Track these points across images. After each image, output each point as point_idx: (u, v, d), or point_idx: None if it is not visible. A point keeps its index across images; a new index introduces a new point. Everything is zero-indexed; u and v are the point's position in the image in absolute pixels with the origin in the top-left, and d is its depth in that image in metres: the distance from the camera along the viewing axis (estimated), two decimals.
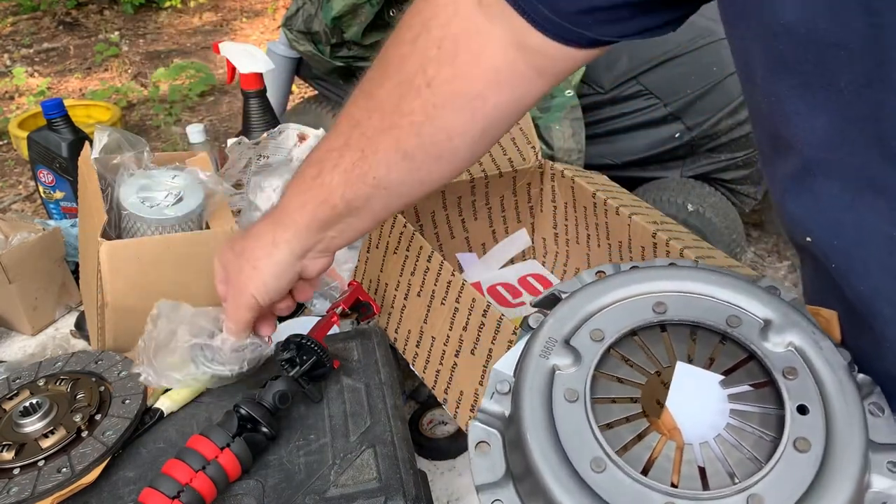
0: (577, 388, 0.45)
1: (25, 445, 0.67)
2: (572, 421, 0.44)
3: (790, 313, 0.46)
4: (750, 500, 0.40)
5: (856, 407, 0.43)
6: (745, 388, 0.46)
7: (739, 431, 0.45)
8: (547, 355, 0.47)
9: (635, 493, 0.41)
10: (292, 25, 2.12)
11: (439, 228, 1.02)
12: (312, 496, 0.63)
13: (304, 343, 0.73)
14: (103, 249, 0.76)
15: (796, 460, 0.41)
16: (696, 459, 0.44)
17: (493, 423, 0.48)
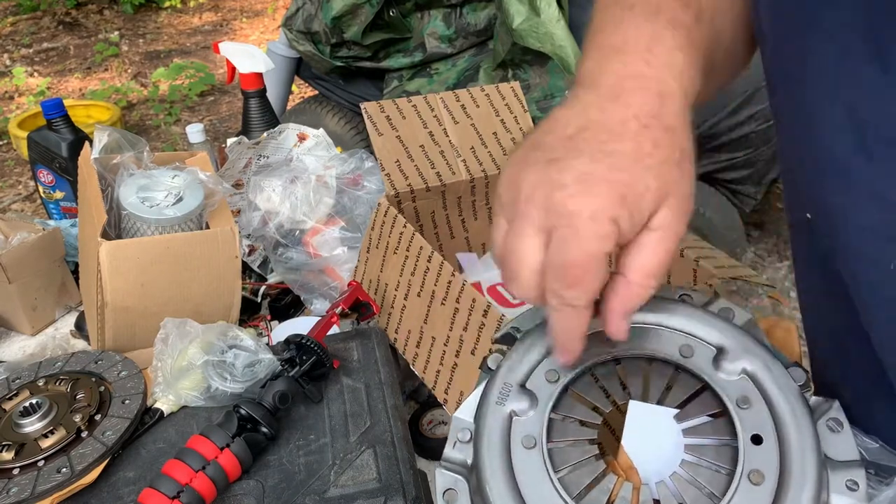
0: (534, 434, 0.45)
1: (25, 445, 0.67)
2: (530, 469, 0.44)
3: (742, 339, 0.46)
4: None
5: (808, 433, 0.42)
6: (700, 420, 0.45)
7: (695, 467, 0.44)
8: (503, 402, 0.46)
9: None
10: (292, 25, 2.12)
11: (439, 228, 1.02)
12: (312, 496, 0.63)
13: (304, 343, 0.73)
14: (103, 249, 0.76)
15: (751, 493, 0.41)
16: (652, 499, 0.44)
17: (458, 470, 0.47)
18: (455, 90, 0.96)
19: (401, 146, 0.91)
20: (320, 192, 1.03)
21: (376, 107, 0.91)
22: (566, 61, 1.76)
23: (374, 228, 0.89)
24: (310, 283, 1.01)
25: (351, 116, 2.34)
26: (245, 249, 1.08)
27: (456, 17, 2.05)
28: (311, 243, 1.01)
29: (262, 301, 1.03)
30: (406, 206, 0.92)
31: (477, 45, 2.08)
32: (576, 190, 0.39)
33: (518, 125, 1.00)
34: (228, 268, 0.85)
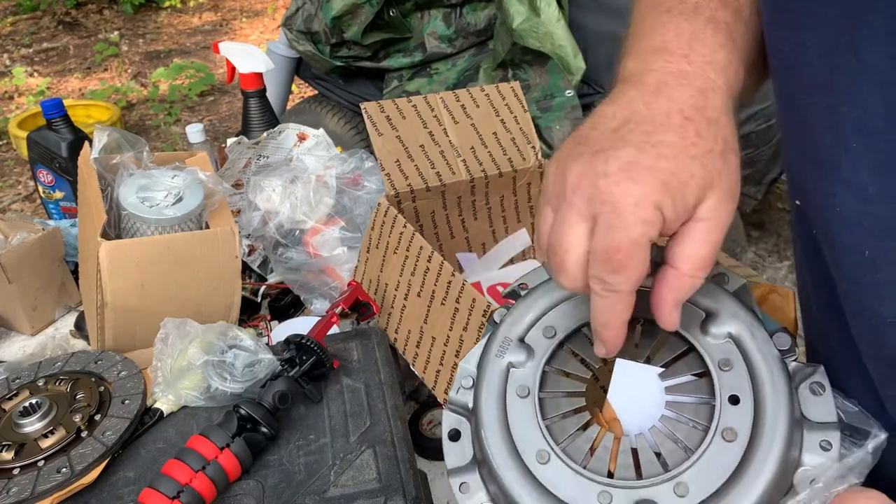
0: (528, 384, 0.49)
1: (25, 445, 0.67)
2: (522, 416, 0.48)
3: (731, 304, 0.48)
4: (676, 488, 0.43)
5: (783, 395, 0.44)
6: (683, 379, 0.48)
7: (673, 422, 0.47)
8: (502, 354, 0.50)
9: (575, 483, 0.45)
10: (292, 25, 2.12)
11: (439, 228, 1.02)
12: (312, 496, 0.63)
13: (304, 343, 0.73)
14: (103, 249, 0.76)
15: (723, 449, 0.44)
16: (631, 449, 0.47)
17: (461, 412, 0.51)
18: (455, 90, 0.96)
19: (401, 146, 0.91)
20: (320, 192, 1.03)
21: (376, 107, 0.91)
22: (566, 61, 1.76)
23: (374, 228, 0.89)
24: (310, 283, 1.01)
25: (351, 116, 2.35)
26: (245, 249, 1.08)
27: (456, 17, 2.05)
28: (311, 243, 1.01)
29: (262, 301, 1.03)
30: (406, 206, 0.92)
31: (477, 45, 2.08)
32: (620, 177, 0.39)
33: (518, 125, 1.00)
34: (228, 268, 0.85)
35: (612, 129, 0.42)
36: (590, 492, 0.44)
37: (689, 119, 0.42)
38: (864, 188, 0.41)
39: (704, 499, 0.42)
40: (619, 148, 0.41)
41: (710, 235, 0.41)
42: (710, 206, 0.41)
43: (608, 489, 0.44)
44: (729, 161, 0.42)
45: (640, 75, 0.45)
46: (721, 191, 0.41)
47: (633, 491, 0.44)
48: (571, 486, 0.45)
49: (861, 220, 0.42)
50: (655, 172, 0.39)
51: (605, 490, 0.44)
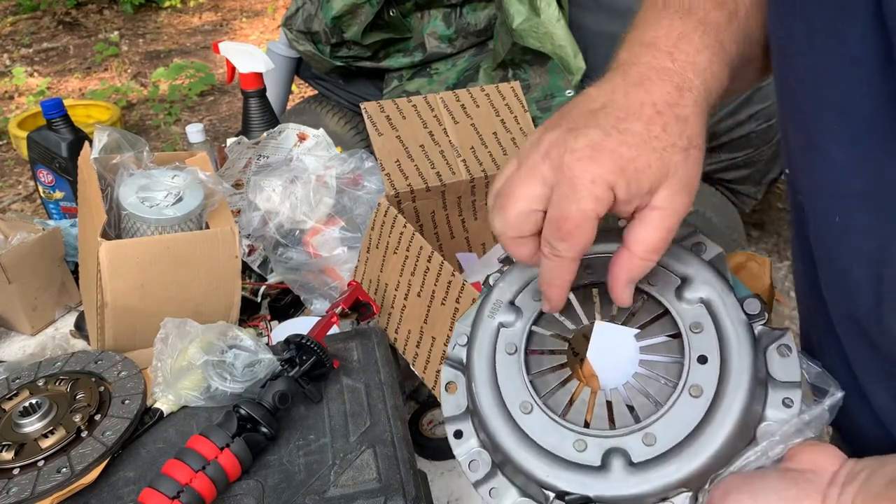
0: (516, 342, 0.54)
1: (25, 445, 0.67)
2: (509, 371, 0.53)
3: (704, 271, 0.52)
4: (645, 438, 0.47)
5: (747, 356, 0.48)
6: (657, 339, 0.52)
7: (646, 379, 0.52)
8: (493, 315, 0.55)
9: (554, 431, 0.49)
10: (292, 25, 2.12)
11: (439, 228, 1.02)
12: (312, 496, 0.63)
13: (304, 343, 0.73)
14: (103, 249, 0.76)
15: (689, 403, 0.48)
16: (606, 402, 0.52)
17: (457, 366, 0.56)
18: (455, 90, 0.96)
19: (401, 146, 0.90)
20: (320, 192, 1.03)
21: (376, 107, 0.91)
22: (566, 61, 1.76)
23: (374, 228, 0.89)
24: (310, 283, 1.01)
25: (351, 116, 2.35)
26: (245, 249, 1.08)
27: (456, 17, 2.05)
28: (311, 243, 1.01)
29: (262, 301, 1.03)
30: (406, 206, 0.92)
31: (477, 45, 2.08)
32: (583, 155, 0.43)
33: (518, 125, 1.00)
34: (228, 268, 0.85)
35: (590, 110, 0.46)
36: (567, 439, 0.49)
37: (659, 113, 0.45)
38: (838, 160, 0.45)
39: (670, 448, 0.47)
40: (590, 128, 0.45)
41: (663, 222, 0.45)
42: (665, 195, 0.44)
43: (583, 437, 0.49)
44: (690, 156, 0.45)
45: (626, 66, 0.48)
46: (677, 183, 0.44)
47: (605, 440, 0.48)
48: (550, 433, 0.49)
49: (836, 190, 0.46)
50: (615, 156, 0.43)
51: (580, 438, 0.49)
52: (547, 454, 0.49)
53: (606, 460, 0.47)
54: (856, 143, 0.43)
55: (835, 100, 0.44)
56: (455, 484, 0.79)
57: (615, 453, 0.47)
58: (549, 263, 0.47)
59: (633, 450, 0.47)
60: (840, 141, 0.44)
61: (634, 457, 0.47)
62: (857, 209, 0.45)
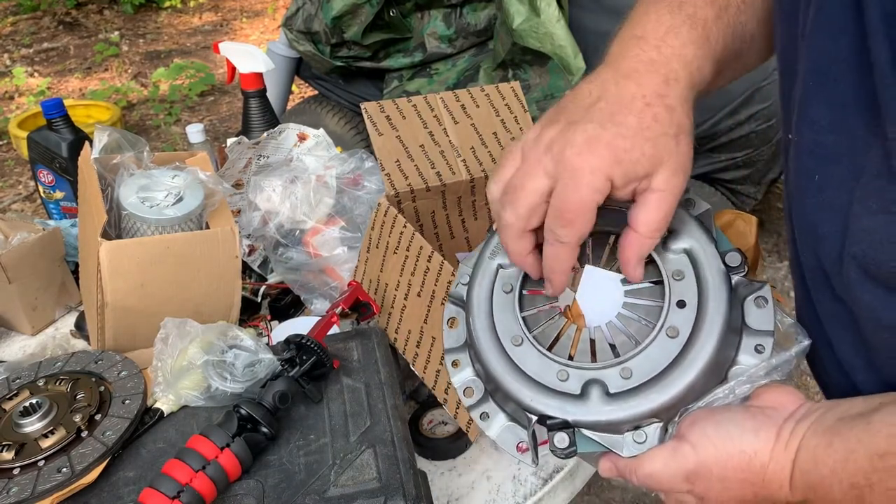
0: (512, 282, 0.58)
1: (25, 445, 0.67)
2: (504, 307, 0.57)
3: (690, 225, 0.55)
4: (622, 372, 0.52)
5: (722, 303, 0.52)
6: (641, 285, 0.56)
7: (627, 320, 0.56)
8: (493, 257, 0.60)
9: (540, 362, 0.54)
10: (292, 25, 2.12)
11: (439, 228, 1.02)
12: (312, 496, 0.63)
13: (304, 343, 0.73)
14: (103, 249, 0.76)
15: (665, 343, 0.52)
16: (590, 339, 0.56)
17: (458, 303, 0.61)
18: (455, 90, 0.96)
19: (401, 146, 0.90)
20: (320, 192, 1.03)
21: (376, 107, 0.91)
22: (566, 61, 1.76)
23: (374, 228, 0.89)
24: (310, 283, 1.01)
25: (351, 116, 2.35)
26: (245, 249, 1.08)
27: (456, 17, 2.05)
28: (311, 243, 1.01)
29: (262, 301, 1.03)
30: (406, 206, 0.92)
31: (477, 45, 2.08)
32: (583, 149, 0.47)
33: (518, 125, 1.00)
34: (228, 268, 0.85)
35: (585, 105, 0.50)
36: (551, 369, 0.54)
37: (649, 105, 0.49)
38: (817, 120, 0.48)
39: (645, 381, 0.51)
40: (587, 122, 0.49)
41: (662, 204, 0.49)
42: (662, 178, 0.48)
43: (566, 368, 0.53)
44: (681, 143, 0.49)
45: (618, 60, 0.52)
46: (671, 167, 0.49)
47: (586, 371, 0.53)
48: (537, 364, 0.54)
49: (814, 149, 0.50)
50: (612, 148, 0.47)
51: (563, 369, 0.53)
52: (533, 382, 0.54)
53: (586, 389, 0.52)
54: (834, 104, 0.47)
55: (817, 65, 0.48)
56: (455, 484, 0.79)
57: (594, 384, 0.52)
58: (552, 250, 0.51)
59: (610, 381, 0.52)
60: (820, 101, 0.48)
61: (612, 388, 0.52)
62: (836, 165, 0.48)
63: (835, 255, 0.50)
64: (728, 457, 0.48)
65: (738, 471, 0.48)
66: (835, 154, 0.48)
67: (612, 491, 1.88)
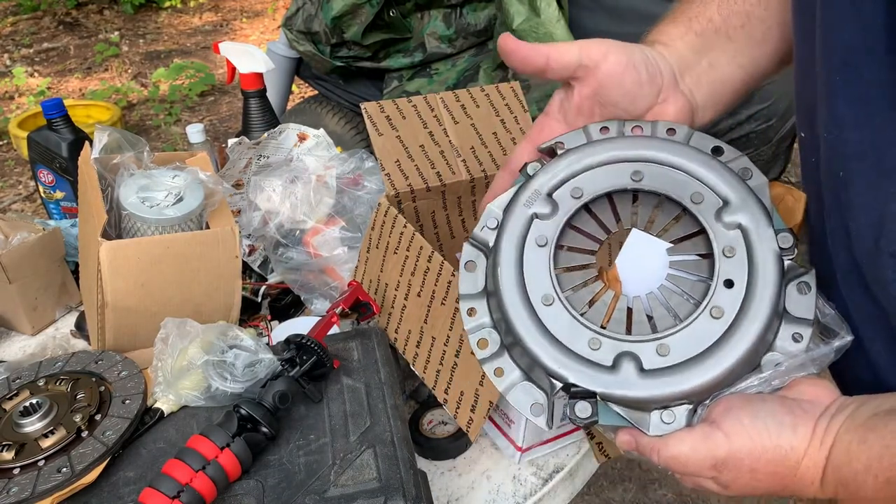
0: (548, 235, 0.54)
1: (25, 445, 0.67)
2: (536, 262, 0.53)
3: (747, 198, 0.53)
4: (659, 348, 0.49)
5: (771, 287, 0.50)
6: (688, 257, 0.54)
7: (670, 292, 0.53)
8: (530, 204, 0.55)
9: (571, 327, 0.51)
10: (292, 25, 2.12)
11: (439, 228, 1.02)
12: (312, 496, 0.63)
13: (304, 343, 0.73)
14: (103, 249, 0.76)
15: (708, 323, 0.49)
16: (627, 308, 0.53)
17: (480, 247, 0.56)
18: (455, 90, 0.96)
19: (401, 146, 0.90)
20: (320, 192, 1.03)
21: (376, 107, 0.91)
22: None
23: (374, 228, 0.89)
24: (310, 283, 1.01)
25: (351, 116, 2.34)
26: (245, 249, 1.08)
27: (456, 17, 2.05)
28: (311, 243, 1.01)
29: (262, 301, 1.03)
30: (406, 206, 0.92)
31: (477, 45, 2.08)
32: None
33: (518, 125, 1.00)
34: (228, 268, 0.85)
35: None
36: (582, 336, 0.50)
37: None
38: (841, 117, 0.49)
39: (682, 361, 0.49)
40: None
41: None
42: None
43: (599, 337, 0.50)
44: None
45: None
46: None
47: (620, 343, 0.50)
48: (567, 328, 0.51)
49: (838, 146, 0.50)
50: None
51: (595, 337, 0.50)
52: (561, 346, 0.50)
53: (618, 362, 0.49)
54: (859, 100, 0.47)
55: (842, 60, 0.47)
56: (455, 484, 0.79)
57: (627, 357, 0.49)
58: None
59: (645, 357, 0.49)
60: (846, 98, 0.48)
61: (646, 364, 0.49)
62: (860, 161, 0.48)
63: (869, 253, 0.49)
64: (763, 450, 0.47)
65: (770, 464, 0.47)
66: (860, 151, 0.48)
67: (613, 491, 1.88)
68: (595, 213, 0.56)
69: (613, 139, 0.57)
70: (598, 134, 0.58)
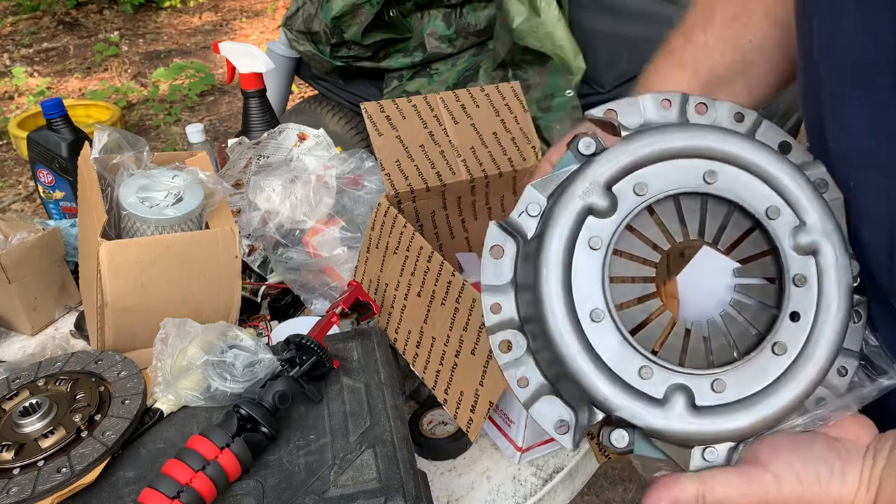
0: (603, 237, 0.46)
1: (25, 445, 0.67)
2: (587, 267, 0.46)
3: (826, 219, 0.47)
4: (715, 384, 0.45)
5: (839, 327, 0.45)
6: (754, 281, 0.48)
7: (731, 321, 0.48)
8: (586, 196, 0.47)
9: (621, 349, 0.45)
10: (292, 25, 2.12)
11: (439, 228, 1.02)
12: (312, 496, 0.63)
13: (304, 343, 0.73)
14: (103, 249, 0.76)
15: (769, 361, 0.45)
16: (683, 335, 0.47)
17: (512, 232, 0.49)
18: (455, 90, 0.96)
19: (401, 146, 0.90)
20: (320, 192, 1.03)
21: (376, 107, 0.91)
22: (566, 61, 1.76)
23: (374, 228, 0.89)
24: (310, 283, 1.01)
25: (351, 116, 2.34)
26: (245, 249, 1.08)
27: (456, 17, 2.05)
28: (311, 243, 1.01)
29: (262, 301, 1.03)
30: (406, 206, 0.92)
31: (477, 45, 2.08)
32: None
33: (518, 125, 1.00)
34: (228, 268, 0.85)
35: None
36: (632, 362, 0.45)
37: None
38: (853, 126, 0.47)
39: (737, 400, 0.44)
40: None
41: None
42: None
43: (651, 365, 0.44)
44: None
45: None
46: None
47: (673, 374, 0.45)
48: (617, 351, 0.45)
49: (848, 154, 0.48)
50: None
51: (647, 365, 0.44)
52: (607, 371, 0.45)
53: (669, 395, 0.44)
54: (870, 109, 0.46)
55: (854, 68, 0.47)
56: (455, 484, 0.79)
57: (680, 391, 0.45)
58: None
59: (699, 392, 0.45)
60: (856, 106, 0.47)
61: (699, 399, 0.45)
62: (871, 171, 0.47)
63: (883, 265, 0.48)
64: (814, 498, 0.45)
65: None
66: (871, 160, 0.47)
67: (613, 491, 1.88)
68: (658, 216, 0.49)
69: (685, 127, 0.49)
70: (658, 108, 0.50)
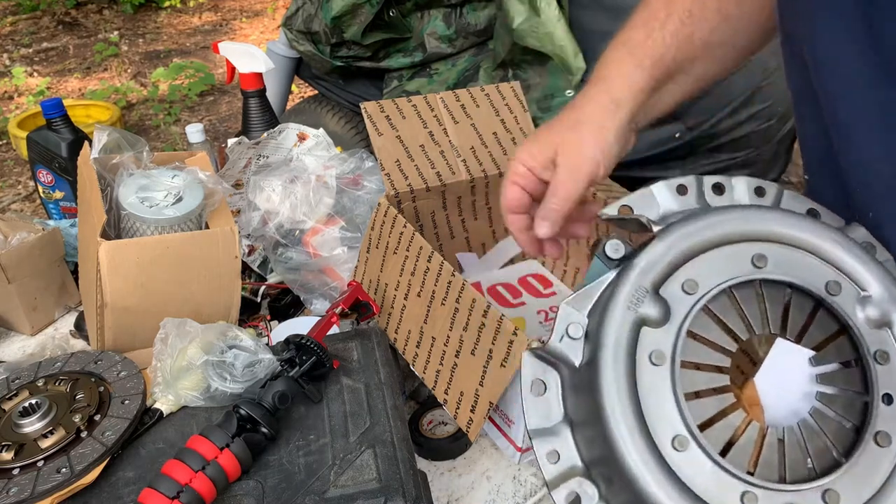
0: (665, 350, 0.41)
1: (25, 446, 0.67)
2: (655, 388, 0.41)
3: (892, 286, 0.43)
4: (826, 495, 0.39)
5: None
6: (834, 366, 0.44)
7: (822, 417, 0.43)
8: (635, 307, 0.42)
9: (716, 478, 0.39)
10: (292, 25, 2.12)
11: (439, 228, 1.02)
12: (312, 496, 0.63)
13: (303, 343, 0.73)
14: (103, 249, 0.76)
15: (875, 455, 0.40)
16: (777, 446, 0.42)
17: (551, 361, 0.44)
18: (455, 90, 0.96)
19: (401, 146, 0.90)
20: (320, 192, 1.03)
21: (376, 107, 0.91)
22: (566, 61, 1.76)
23: (374, 228, 0.89)
24: (310, 283, 1.01)
25: (351, 116, 2.34)
26: (245, 249, 1.08)
27: (456, 17, 2.05)
28: (311, 243, 1.01)
29: (261, 301, 1.03)
30: (406, 206, 0.92)
31: (477, 45, 2.08)
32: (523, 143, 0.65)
33: (518, 125, 1.00)
34: (228, 268, 0.85)
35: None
36: (732, 490, 0.39)
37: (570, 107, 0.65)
38: (869, 148, 0.45)
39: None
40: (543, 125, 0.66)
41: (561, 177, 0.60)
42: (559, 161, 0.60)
43: (753, 489, 0.39)
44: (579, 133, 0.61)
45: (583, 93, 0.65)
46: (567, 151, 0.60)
47: (779, 494, 0.40)
48: (711, 481, 0.39)
49: (866, 179, 0.46)
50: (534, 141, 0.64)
51: (749, 490, 0.39)
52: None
53: None
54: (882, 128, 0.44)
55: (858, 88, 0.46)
56: (455, 484, 0.79)
57: None
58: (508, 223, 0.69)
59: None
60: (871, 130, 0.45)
61: None
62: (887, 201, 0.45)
63: None
64: None
65: None
66: (891, 188, 0.44)
67: None
68: (717, 315, 0.44)
69: (717, 213, 0.44)
70: (674, 196, 0.46)
